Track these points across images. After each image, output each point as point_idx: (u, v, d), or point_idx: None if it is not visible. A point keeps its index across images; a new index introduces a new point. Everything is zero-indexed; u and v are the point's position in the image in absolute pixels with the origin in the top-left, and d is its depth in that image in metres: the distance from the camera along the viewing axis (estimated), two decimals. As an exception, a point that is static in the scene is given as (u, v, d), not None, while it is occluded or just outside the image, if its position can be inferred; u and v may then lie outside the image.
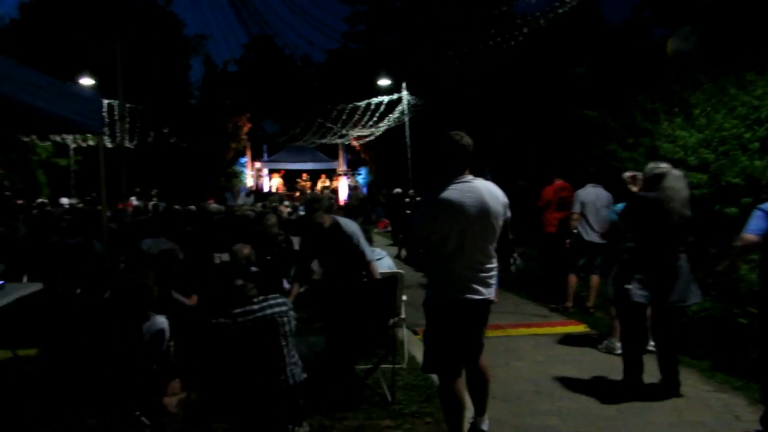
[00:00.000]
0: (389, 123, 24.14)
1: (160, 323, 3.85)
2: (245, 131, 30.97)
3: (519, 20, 13.39)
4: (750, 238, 3.93)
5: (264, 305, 3.52)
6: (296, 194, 28.60)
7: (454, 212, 3.42)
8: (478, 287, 3.50)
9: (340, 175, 32.55)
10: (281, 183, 32.29)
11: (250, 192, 27.07)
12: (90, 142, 20.52)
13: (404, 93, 22.78)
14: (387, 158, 27.79)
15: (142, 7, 26.75)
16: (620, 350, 5.59)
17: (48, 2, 26.62)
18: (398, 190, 18.24)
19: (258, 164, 33.47)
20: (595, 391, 4.82)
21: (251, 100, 31.65)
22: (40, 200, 15.40)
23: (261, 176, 33.25)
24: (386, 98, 23.14)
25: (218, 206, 15.51)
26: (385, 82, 24.23)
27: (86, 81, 19.33)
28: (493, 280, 3.61)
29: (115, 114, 12.53)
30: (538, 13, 12.31)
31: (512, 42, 13.24)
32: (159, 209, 14.36)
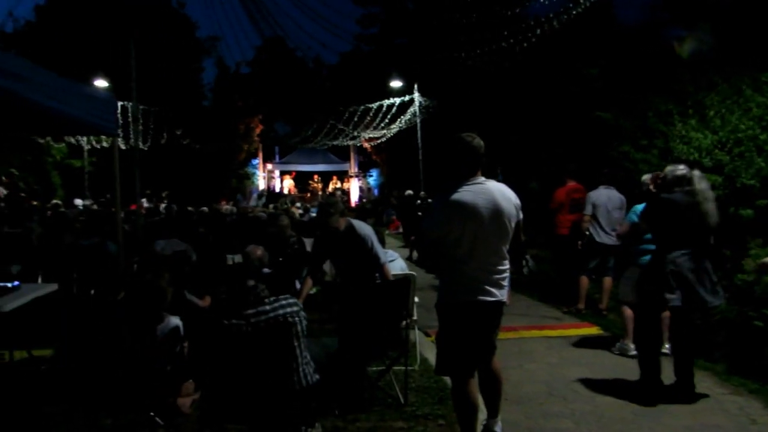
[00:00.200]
0: (401, 125, 24.15)
1: (174, 324, 3.87)
2: (257, 133, 31.10)
3: (532, 22, 13.34)
4: None
5: (276, 306, 3.53)
6: (307, 195, 28.70)
7: (467, 214, 3.41)
8: (491, 289, 3.49)
9: (352, 177, 32.60)
10: (293, 185, 32.41)
11: (262, 194, 27.17)
12: (104, 144, 20.67)
13: (416, 95, 22.78)
14: (398, 160, 27.81)
15: (156, 10, 26.95)
16: (634, 352, 5.57)
17: (63, 5, 26.89)
18: (410, 192, 18.22)
19: (270, 166, 33.61)
20: (609, 394, 4.78)
21: (263, 102, 31.77)
22: (55, 201, 15.50)
23: (273, 178, 33.38)
24: (398, 100, 23.16)
25: (231, 207, 15.59)
26: (397, 84, 24.25)
27: (100, 83, 19.47)
28: (506, 282, 3.60)
29: (129, 116, 12.64)
30: (551, 15, 12.27)
31: (525, 43, 13.20)
32: (172, 211, 14.44)
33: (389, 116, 23.88)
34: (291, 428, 3.58)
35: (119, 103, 6.30)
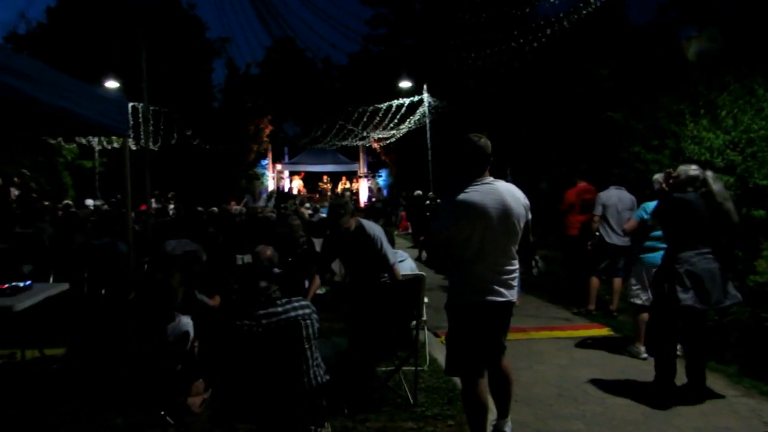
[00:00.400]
0: (410, 125, 24.14)
1: (185, 324, 3.88)
2: (266, 133, 31.18)
3: (542, 21, 13.30)
4: None
5: (288, 307, 3.53)
6: (316, 196, 28.74)
7: (476, 214, 3.40)
8: (501, 289, 3.48)
9: (361, 177, 32.62)
10: (301, 185, 32.47)
11: (271, 195, 27.22)
12: (114, 145, 20.79)
13: (425, 95, 22.76)
14: (407, 160, 27.80)
15: (166, 11, 27.07)
16: (644, 356, 5.54)
17: (74, 6, 27.07)
18: (419, 193, 18.21)
19: (279, 166, 33.68)
20: (620, 395, 4.76)
21: (273, 103, 31.85)
22: (66, 202, 15.60)
23: (282, 178, 33.46)
24: (407, 100, 23.15)
25: (240, 208, 15.63)
26: (406, 84, 24.24)
27: (111, 84, 19.58)
28: (515, 282, 3.59)
29: (140, 117, 12.70)
30: (562, 14, 12.22)
31: (535, 43, 13.16)
32: (181, 211, 14.51)
33: (398, 117, 23.88)
34: (300, 428, 3.58)
35: (130, 104, 6.32)
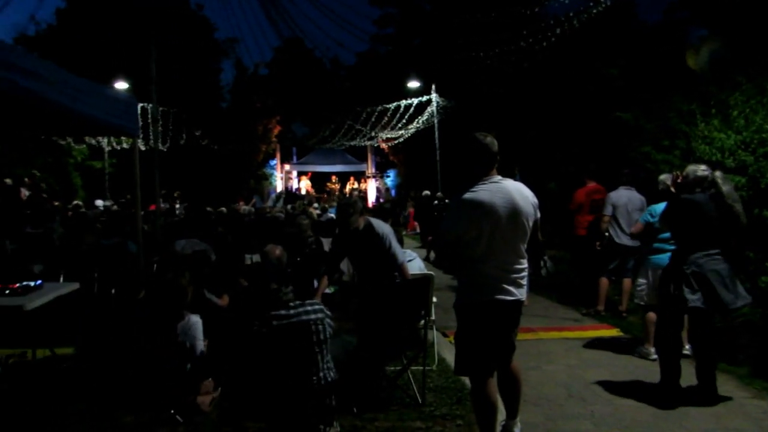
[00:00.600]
0: (418, 125, 24.12)
1: (194, 323, 3.89)
2: (275, 134, 31.26)
3: (551, 21, 13.26)
4: None
5: (300, 311, 3.53)
6: (324, 196, 28.75)
7: (485, 212, 3.39)
8: (510, 288, 3.47)
9: (369, 178, 32.62)
10: (309, 185, 32.49)
11: (280, 195, 27.25)
12: (124, 145, 20.88)
13: (434, 95, 22.74)
14: (416, 160, 27.77)
15: (175, 12, 27.17)
16: (654, 356, 5.51)
17: (83, 8, 27.21)
18: (427, 193, 18.19)
19: (287, 167, 33.73)
20: (629, 396, 4.74)
21: (281, 103, 31.92)
22: (76, 202, 15.67)
23: (290, 178, 33.51)
24: (415, 100, 23.13)
25: (249, 208, 15.67)
26: (415, 84, 24.22)
27: (120, 85, 19.68)
28: (524, 281, 3.58)
29: (149, 117, 12.76)
30: (571, 14, 12.18)
31: (544, 43, 13.12)
32: (191, 211, 14.54)
33: (407, 117, 23.87)
34: (309, 427, 3.58)
35: (139, 105, 6.36)
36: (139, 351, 3.87)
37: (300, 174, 33.74)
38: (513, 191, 3.48)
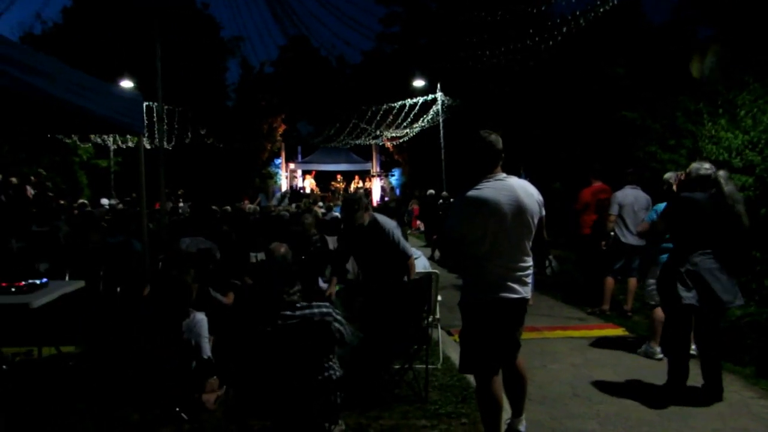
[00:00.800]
0: (423, 124, 24.12)
1: (199, 320, 3.89)
2: (280, 132, 31.31)
3: (558, 20, 13.22)
4: None
5: (306, 312, 3.53)
6: (328, 195, 28.78)
7: (489, 210, 3.37)
8: (515, 286, 3.45)
9: (374, 177, 32.64)
10: (314, 184, 32.55)
11: (285, 194, 27.29)
12: (129, 144, 20.95)
13: (439, 94, 22.73)
14: (420, 159, 27.77)
15: (181, 11, 27.22)
16: (660, 356, 5.49)
17: (89, 7, 27.29)
18: (432, 192, 18.19)
19: (292, 165, 33.79)
20: (635, 395, 4.72)
21: (286, 102, 31.98)
22: (81, 201, 15.74)
23: (295, 177, 33.57)
24: (421, 99, 23.12)
25: (254, 206, 15.70)
26: (420, 83, 24.22)
27: (126, 83, 19.73)
28: (530, 279, 3.56)
29: (154, 116, 12.78)
30: (578, 12, 12.13)
31: (550, 42, 13.09)
32: (196, 209, 14.57)
33: (412, 115, 23.86)
34: (315, 425, 3.58)
35: (144, 103, 6.37)
36: (144, 349, 3.87)
37: (304, 173, 33.81)
38: (518, 189, 3.46)
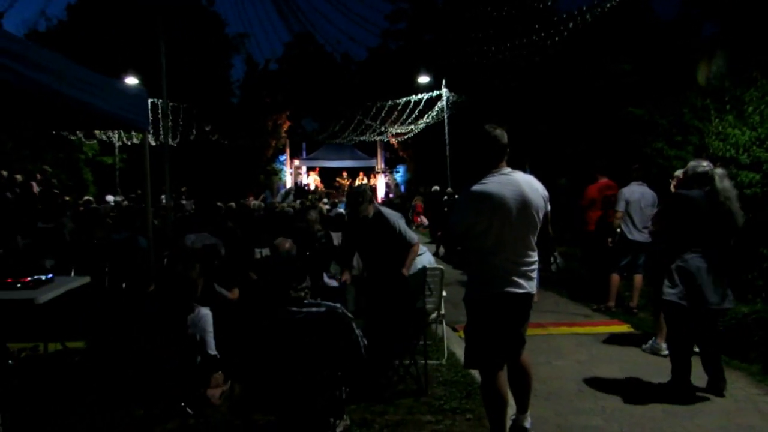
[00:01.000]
0: (428, 120, 24.08)
1: (204, 315, 3.89)
2: (285, 129, 31.32)
3: (564, 15, 13.15)
4: None
5: (312, 310, 3.53)
6: (333, 192, 28.80)
7: (494, 205, 3.37)
8: (520, 280, 3.44)
9: (378, 173, 32.64)
10: (318, 180, 32.58)
11: (289, 191, 27.29)
12: (134, 140, 20.97)
13: (444, 90, 22.67)
14: (425, 156, 27.74)
15: (186, 8, 27.22)
16: (665, 351, 5.47)
17: (94, 3, 27.30)
18: (436, 188, 18.16)
19: (297, 162, 33.80)
20: (640, 392, 4.71)
21: (291, 99, 31.98)
22: (87, 198, 15.77)
23: (300, 174, 33.59)
24: (426, 95, 23.08)
25: (258, 202, 15.72)
26: (425, 80, 24.16)
27: (130, 80, 19.75)
28: (535, 274, 3.55)
29: (159, 112, 12.79)
30: (584, 8, 12.07)
31: (556, 37, 13.03)
32: (201, 206, 14.59)
33: (417, 112, 23.83)
34: (319, 420, 3.58)
35: (149, 100, 6.36)
36: (150, 344, 3.88)
37: (309, 169, 33.84)
38: (523, 183, 3.45)
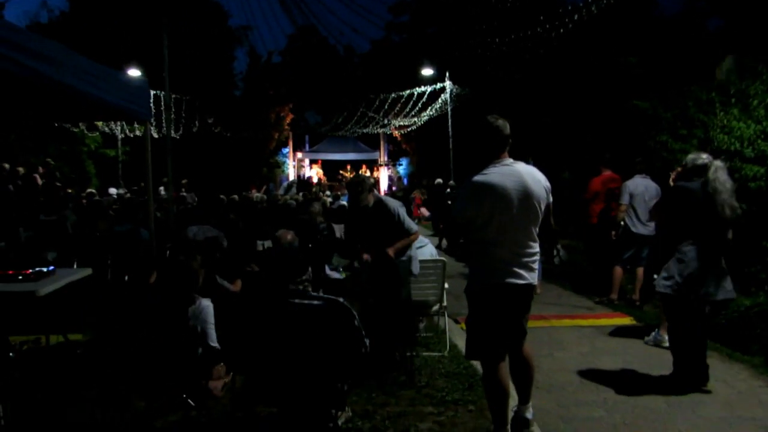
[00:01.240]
0: (431, 113, 24.03)
1: (206, 307, 3.89)
2: (287, 122, 31.29)
3: (569, 7, 13.08)
4: None
5: (314, 303, 3.53)
6: (336, 185, 28.81)
7: (496, 195, 3.36)
8: (521, 271, 3.43)
9: (381, 166, 32.63)
10: (321, 173, 32.57)
11: (292, 184, 27.28)
12: (137, 133, 20.96)
13: (447, 82, 22.61)
14: (428, 149, 27.70)
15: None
16: (668, 344, 5.46)
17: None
18: (439, 181, 18.16)
19: (300, 154, 33.79)
20: (642, 384, 4.71)
21: (294, 91, 31.95)
22: (90, 190, 15.77)
23: (303, 166, 33.59)
24: (429, 88, 23.02)
25: (261, 195, 15.72)
26: (429, 72, 24.09)
27: (133, 72, 19.73)
28: (536, 265, 3.55)
29: (161, 104, 12.77)
30: (590, 0, 11.98)
31: (561, 29, 12.95)
32: (203, 198, 14.58)
33: (420, 104, 23.78)
34: (321, 411, 3.58)
35: (152, 92, 6.36)
36: (151, 336, 3.88)
37: (312, 162, 33.83)
38: (524, 174, 3.44)
